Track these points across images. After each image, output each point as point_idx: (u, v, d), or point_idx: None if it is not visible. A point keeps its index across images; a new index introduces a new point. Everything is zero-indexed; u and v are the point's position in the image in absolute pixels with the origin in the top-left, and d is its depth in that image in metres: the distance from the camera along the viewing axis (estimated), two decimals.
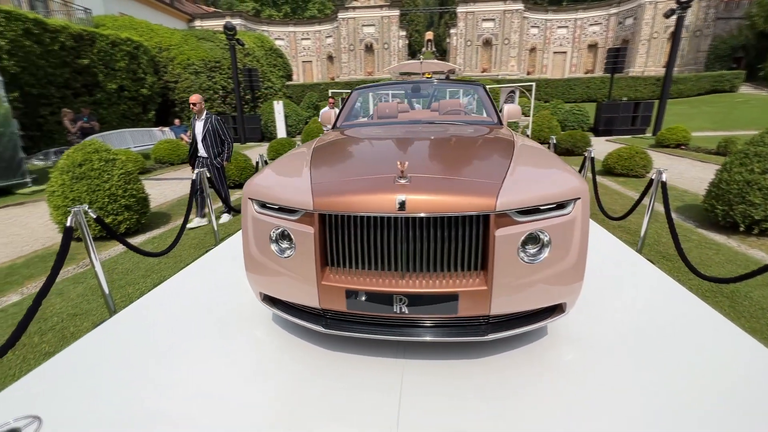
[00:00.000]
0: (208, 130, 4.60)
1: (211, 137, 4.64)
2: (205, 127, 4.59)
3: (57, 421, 1.52)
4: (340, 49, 33.48)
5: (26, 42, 10.47)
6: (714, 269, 3.26)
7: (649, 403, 1.55)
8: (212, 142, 4.67)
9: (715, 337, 1.96)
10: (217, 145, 4.74)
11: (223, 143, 4.76)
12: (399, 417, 1.51)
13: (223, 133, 4.73)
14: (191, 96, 4.65)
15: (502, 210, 1.47)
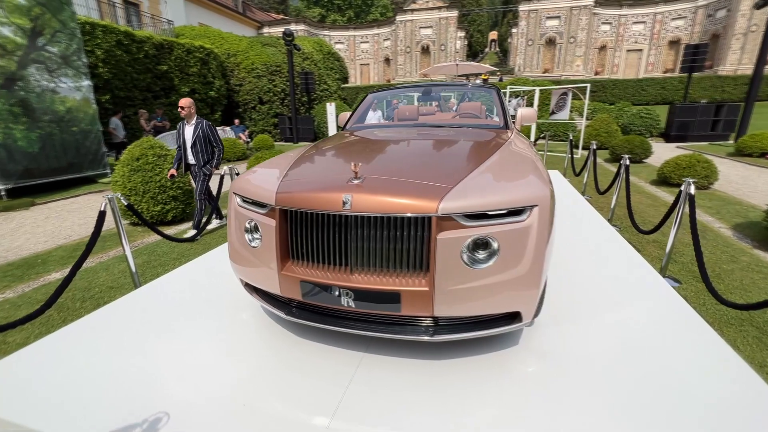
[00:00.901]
0: (199, 136, 4.40)
1: (201, 144, 4.42)
2: (195, 132, 4.40)
3: (62, 378, 1.83)
4: (396, 52, 33.85)
5: (118, 52, 12.04)
6: (754, 295, 2.88)
7: (602, 422, 1.49)
8: (202, 149, 4.44)
9: (702, 364, 1.79)
10: (207, 153, 4.51)
11: (214, 150, 4.54)
12: (340, 404, 1.60)
13: (215, 139, 4.51)
14: (181, 100, 4.40)
15: (444, 213, 1.50)
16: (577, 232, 3.65)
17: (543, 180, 1.70)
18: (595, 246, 3.30)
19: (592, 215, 4.24)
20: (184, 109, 4.39)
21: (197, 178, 4.55)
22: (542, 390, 1.67)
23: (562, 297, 2.45)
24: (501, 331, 1.70)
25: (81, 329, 2.20)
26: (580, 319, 2.20)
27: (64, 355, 1.97)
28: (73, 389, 1.73)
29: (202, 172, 4.51)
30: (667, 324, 2.11)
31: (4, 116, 6.48)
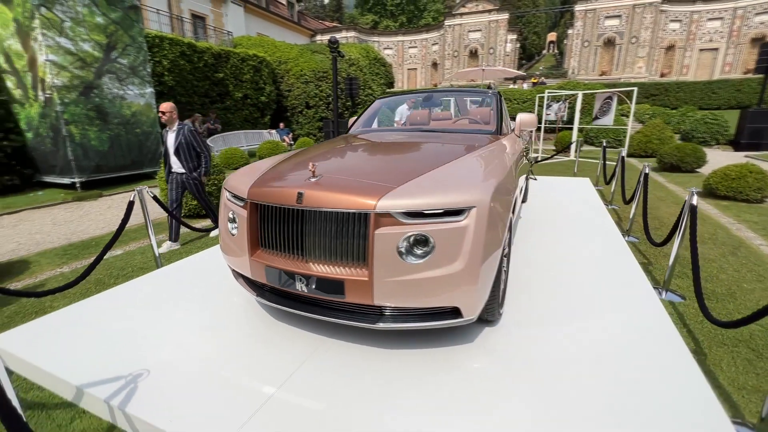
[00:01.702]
0: (181, 143, 4.10)
1: (185, 150, 4.14)
2: (177, 139, 4.11)
3: (81, 336, 2.22)
4: (444, 56, 33.74)
5: (181, 61, 13.33)
6: None
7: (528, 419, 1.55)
8: (187, 155, 4.16)
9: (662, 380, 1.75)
10: (192, 159, 4.22)
11: (199, 156, 4.26)
12: (289, 378, 1.80)
13: (198, 145, 4.23)
14: (161, 104, 4.12)
15: (382, 211, 1.65)
16: (583, 241, 3.56)
17: (487, 184, 1.78)
18: (598, 256, 3.20)
19: (607, 225, 4.08)
20: (165, 114, 4.10)
21: (177, 186, 4.25)
22: (481, 384, 1.74)
23: (540, 302, 2.46)
24: (442, 325, 1.80)
25: (100, 300, 2.63)
26: (550, 324, 2.22)
27: (86, 319, 2.38)
28: (87, 345, 2.10)
29: (191, 181, 4.25)
30: (638, 337, 2.06)
31: (82, 119, 7.53)
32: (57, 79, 7.06)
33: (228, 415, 1.59)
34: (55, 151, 7.62)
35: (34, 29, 6.81)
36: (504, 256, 2.37)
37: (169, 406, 1.66)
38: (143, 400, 1.69)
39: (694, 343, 2.34)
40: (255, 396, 1.69)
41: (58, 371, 1.88)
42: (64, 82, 7.16)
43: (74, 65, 7.29)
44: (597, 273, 2.89)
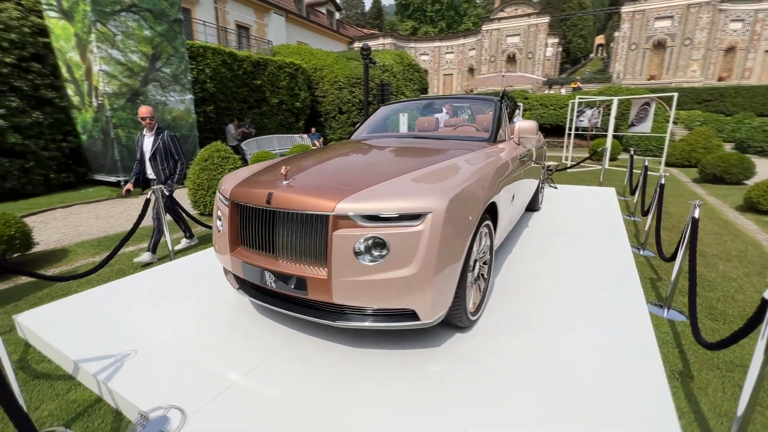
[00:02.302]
0: (158, 148, 3.90)
1: (162, 156, 3.92)
2: (155, 144, 3.90)
3: (80, 324, 2.49)
4: (480, 61, 33.28)
5: (222, 69, 14.17)
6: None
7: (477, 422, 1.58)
8: (163, 162, 3.95)
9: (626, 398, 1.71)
10: (168, 166, 4.00)
11: (176, 163, 4.04)
12: (256, 367, 1.93)
13: (176, 151, 4.02)
14: (141, 108, 3.88)
15: (340, 213, 1.74)
16: (589, 253, 3.44)
17: (448, 191, 1.81)
18: (599, 269, 3.10)
19: (619, 237, 3.91)
20: (146, 120, 3.88)
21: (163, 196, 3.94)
22: (434, 386, 1.78)
23: (524, 311, 2.44)
24: (400, 327, 1.85)
25: (110, 288, 2.93)
26: (527, 333, 2.20)
27: (94, 303, 2.66)
28: (90, 326, 2.35)
29: (168, 190, 3.95)
30: (615, 354, 1.99)
31: (128, 123, 8.24)
32: (108, 87, 7.79)
33: (193, 397, 1.74)
34: (104, 152, 8.39)
35: (91, 42, 7.57)
36: (484, 263, 2.38)
37: (145, 383, 1.83)
38: (125, 377, 1.88)
39: (683, 365, 2.21)
40: (221, 380, 1.83)
41: (62, 346, 2.13)
42: (114, 89, 7.88)
43: (123, 74, 8.01)
44: (592, 286, 2.79)
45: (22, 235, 3.91)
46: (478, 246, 2.22)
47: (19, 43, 7.70)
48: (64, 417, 1.82)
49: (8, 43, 7.50)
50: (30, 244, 4.05)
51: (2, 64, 7.37)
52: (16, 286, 3.46)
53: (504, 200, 2.64)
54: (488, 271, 2.51)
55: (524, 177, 3.43)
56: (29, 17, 7.96)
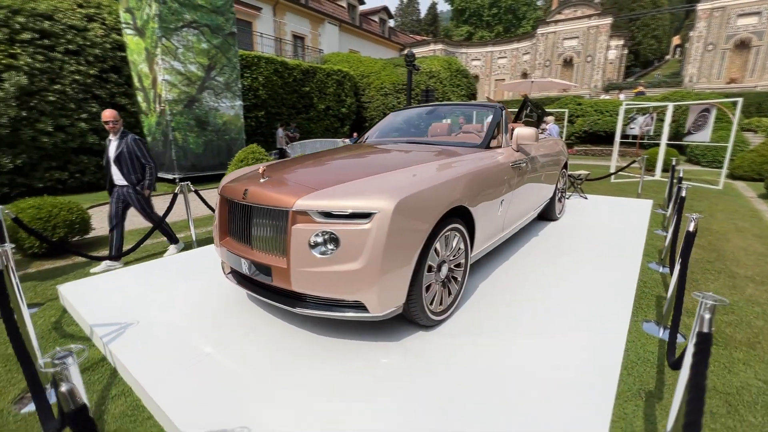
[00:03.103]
0: (122, 152, 3.76)
1: (127, 161, 3.79)
2: (119, 148, 3.77)
3: (105, 296, 2.91)
4: (534, 66, 32.04)
5: (274, 77, 15.16)
6: None
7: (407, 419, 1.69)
8: (130, 166, 3.81)
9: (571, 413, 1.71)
10: (136, 171, 3.87)
11: (144, 168, 3.92)
12: (230, 344, 2.18)
13: (143, 155, 3.89)
14: (104, 112, 3.77)
15: (299, 209, 1.92)
16: (593, 265, 3.32)
17: (397, 192, 1.92)
18: (596, 282, 2.98)
19: (634, 252, 3.69)
20: (109, 124, 3.76)
21: (118, 200, 3.92)
22: (377, 376, 1.90)
23: (499, 316, 2.46)
24: (351, 317, 1.99)
25: (136, 269, 3.36)
26: (489, 335, 2.23)
27: (119, 280, 3.09)
28: (111, 298, 2.77)
29: (133, 196, 3.90)
30: (573, 364, 1.97)
31: (184, 127, 9.18)
32: (169, 95, 8.75)
33: (170, 361, 2.01)
34: (164, 152, 9.40)
35: (157, 55, 8.57)
36: (457, 266, 2.44)
37: (138, 348, 2.15)
38: (124, 342, 2.22)
39: (655, 385, 2.10)
40: (196, 352, 2.10)
41: (84, 313, 2.54)
42: (173, 96, 8.83)
43: (182, 83, 8.95)
44: (580, 298, 2.71)
45: (82, 222, 4.59)
46: (444, 249, 2.30)
47: (102, 57, 8.94)
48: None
49: (93, 57, 8.74)
50: (88, 229, 4.73)
51: (87, 75, 8.60)
52: (73, 263, 4.08)
53: (485, 206, 2.67)
54: (463, 274, 2.55)
55: (525, 184, 3.39)
56: (111, 35, 9.21)
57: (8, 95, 7.28)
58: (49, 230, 4.21)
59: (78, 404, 0.90)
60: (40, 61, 7.81)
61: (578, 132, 19.10)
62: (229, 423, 1.60)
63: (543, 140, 4.26)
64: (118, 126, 3.85)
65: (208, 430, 1.57)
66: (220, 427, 1.58)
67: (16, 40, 7.60)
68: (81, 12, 8.81)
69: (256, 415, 1.65)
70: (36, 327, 2.67)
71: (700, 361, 1.20)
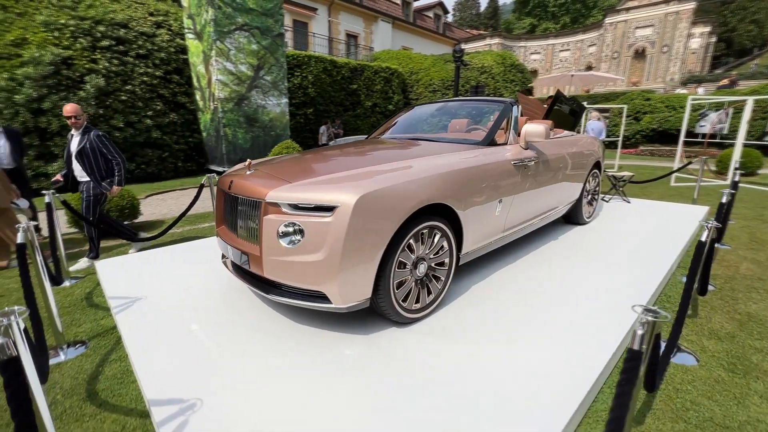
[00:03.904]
0: (85, 148, 3.68)
1: (90, 157, 3.70)
2: (81, 143, 3.68)
3: (128, 272, 3.27)
4: (600, 58, 29.63)
5: (323, 76, 15.68)
6: None
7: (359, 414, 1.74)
8: (93, 163, 3.72)
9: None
10: (101, 168, 3.78)
11: (109, 163, 3.82)
12: (211, 324, 2.36)
13: (108, 152, 3.79)
14: (66, 107, 3.63)
15: (270, 200, 2.02)
16: (607, 275, 3.06)
17: (360, 187, 1.94)
18: (604, 292, 2.76)
19: (662, 263, 3.34)
20: (72, 119, 3.65)
21: (86, 195, 3.77)
22: (346, 366, 1.95)
23: (482, 320, 2.40)
24: (317, 307, 2.05)
25: (162, 251, 3.72)
26: (461, 335, 2.19)
27: (141, 259, 3.45)
28: (132, 274, 3.11)
29: (92, 192, 3.76)
30: (534, 380, 1.86)
31: (234, 123, 9.86)
32: (221, 93, 9.46)
33: (160, 337, 2.24)
34: (216, 147, 10.18)
35: (212, 57, 9.29)
36: (440, 265, 2.41)
37: (138, 321, 2.41)
38: (129, 314, 2.50)
39: (642, 408, 1.90)
40: (184, 329, 2.31)
41: (107, 286, 2.89)
42: (225, 95, 9.53)
43: (233, 82, 9.62)
44: (580, 308, 2.52)
45: (131, 207, 5.17)
46: (420, 246, 2.27)
47: (167, 60, 9.89)
48: (89, 334, 2.51)
49: (159, 60, 9.71)
50: (136, 214, 5.31)
51: (153, 77, 9.58)
52: (119, 243, 4.62)
53: (477, 204, 2.59)
54: (447, 274, 2.50)
55: (535, 183, 3.21)
56: (176, 39, 10.15)
57: (89, 95, 8.36)
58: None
59: (8, 356, 1.05)
60: (115, 65, 8.85)
61: (645, 130, 17.42)
62: (188, 394, 1.75)
63: (566, 137, 3.98)
64: (81, 121, 3.74)
65: (168, 398, 1.73)
66: (179, 396, 1.74)
67: (97, 46, 8.68)
68: (151, 20, 9.82)
69: (216, 389, 1.79)
70: (73, 296, 3.09)
71: (626, 380, 1.09)
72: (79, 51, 8.43)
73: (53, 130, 8.08)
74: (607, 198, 5.88)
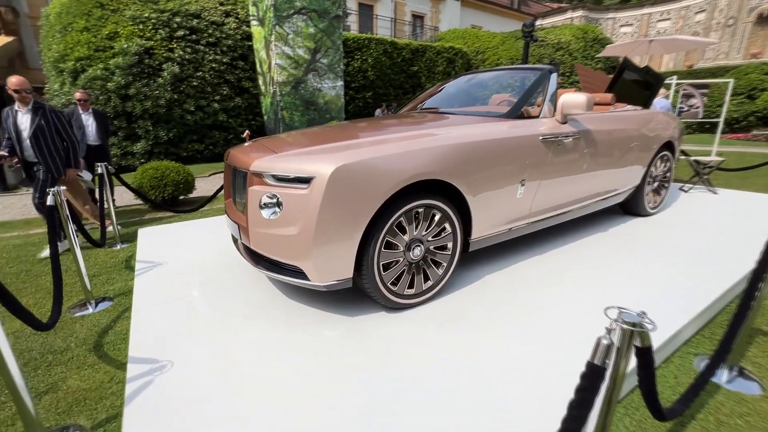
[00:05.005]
0: (40, 126, 3.27)
1: (46, 136, 3.30)
2: (34, 122, 3.26)
3: (160, 239, 3.52)
4: (709, 27, 25.16)
5: (383, 58, 15.52)
6: None
7: None
8: (50, 143, 3.32)
9: None
10: (58, 150, 3.39)
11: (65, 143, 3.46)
12: (211, 293, 2.43)
13: (66, 131, 3.44)
14: (11, 79, 3.18)
15: (255, 171, 1.98)
16: (654, 274, 2.57)
17: (339, 158, 1.80)
18: (648, 297, 2.32)
19: (735, 264, 2.71)
20: (20, 93, 3.21)
21: (39, 184, 3.40)
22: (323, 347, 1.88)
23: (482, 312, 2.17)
24: (297, 283, 1.98)
25: (197, 223, 3.96)
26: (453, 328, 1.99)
27: (171, 229, 3.70)
28: (160, 241, 3.36)
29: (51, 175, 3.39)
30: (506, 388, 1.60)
31: (291, 107, 10.20)
32: (279, 77, 9.81)
33: (163, 299, 2.36)
34: (275, 130, 10.66)
35: (272, 41, 9.65)
36: (440, 249, 2.21)
37: (150, 283, 2.58)
38: (146, 277, 2.68)
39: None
40: (186, 294, 2.41)
41: (140, 250, 3.15)
42: (283, 79, 9.86)
43: (291, 66, 9.91)
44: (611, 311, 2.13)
45: (186, 182, 5.60)
46: (415, 227, 2.08)
47: (233, 46, 10.51)
48: (116, 293, 2.74)
49: (226, 47, 10.35)
50: (191, 189, 5.75)
51: (221, 63, 10.25)
52: (172, 215, 5.04)
53: (491, 184, 2.29)
54: (450, 259, 2.27)
55: (572, 164, 2.78)
56: (242, 27, 10.72)
57: (166, 82, 9.23)
58: (161, 187, 5.26)
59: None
60: (188, 53, 9.62)
61: (762, 111, 14.54)
62: (163, 356, 1.81)
63: (626, 112, 3.37)
64: (30, 97, 3.29)
65: (144, 356, 1.80)
66: (154, 356, 1.80)
67: (174, 36, 9.50)
68: (221, 9, 10.46)
69: (186, 355, 1.82)
70: (117, 258, 3.42)
71: (579, 403, 0.83)
72: (158, 41, 9.31)
73: (137, 113, 9.10)
74: (686, 188, 4.97)
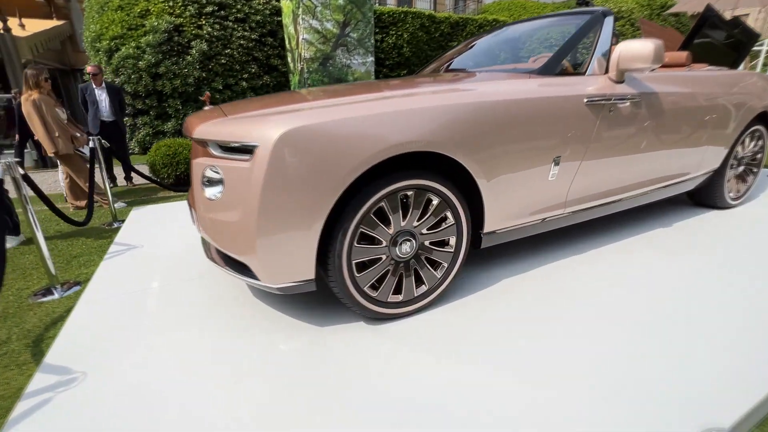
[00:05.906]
0: None
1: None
2: None
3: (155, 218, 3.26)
4: None
5: (419, 33, 14.64)
6: None
7: None
8: None
9: None
10: None
11: None
12: (180, 282, 2.09)
13: None
14: None
15: (198, 137, 1.55)
16: (714, 284, 1.90)
17: (290, 120, 1.32)
18: (706, 317, 1.68)
19: None
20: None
21: None
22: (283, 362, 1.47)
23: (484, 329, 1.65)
24: (246, 281, 1.56)
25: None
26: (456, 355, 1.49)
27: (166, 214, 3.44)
28: (156, 220, 3.10)
29: None
30: None
31: (319, 84, 9.80)
32: (307, 53, 9.41)
33: (123, 289, 2.06)
34: None
35: (299, 15, 9.22)
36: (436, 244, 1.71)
37: (119, 264, 2.29)
38: (118, 260, 2.41)
39: None
40: (173, 279, 2.09)
41: (123, 232, 2.90)
42: (310, 55, 9.45)
43: (318, 41, 9.46)
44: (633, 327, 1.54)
45: None
46: (402, 216, 1.57)
47: (262, 22, 10.21)
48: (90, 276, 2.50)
49: (255, 24, 10.07)
50: None
51: (249, 40, 10.01)
52: (176, 194, 4.84)
53: (511, 161, 1.72)
54: (452, 258, 1.75)
55: (627, 138, 2.11)
56: (271, 1, 10.37)
57: (194, 60, 9.14)
58: (174, 165, 5.09)
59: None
60: (216, 30, 9.45)
61: None
62: (81, 365, 1.48)
63: (705, 73, 2.58)
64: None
65: (59, 364, 1.48)
66: (69, 365, 1.48)
67: (203, 13, 9.34)
68: None
69: (107, 368, 1.48)
70: (106, 238, 3.22)
71: None
72: (187, 18, 9.20)
73: (167, 92, 9.12)
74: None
